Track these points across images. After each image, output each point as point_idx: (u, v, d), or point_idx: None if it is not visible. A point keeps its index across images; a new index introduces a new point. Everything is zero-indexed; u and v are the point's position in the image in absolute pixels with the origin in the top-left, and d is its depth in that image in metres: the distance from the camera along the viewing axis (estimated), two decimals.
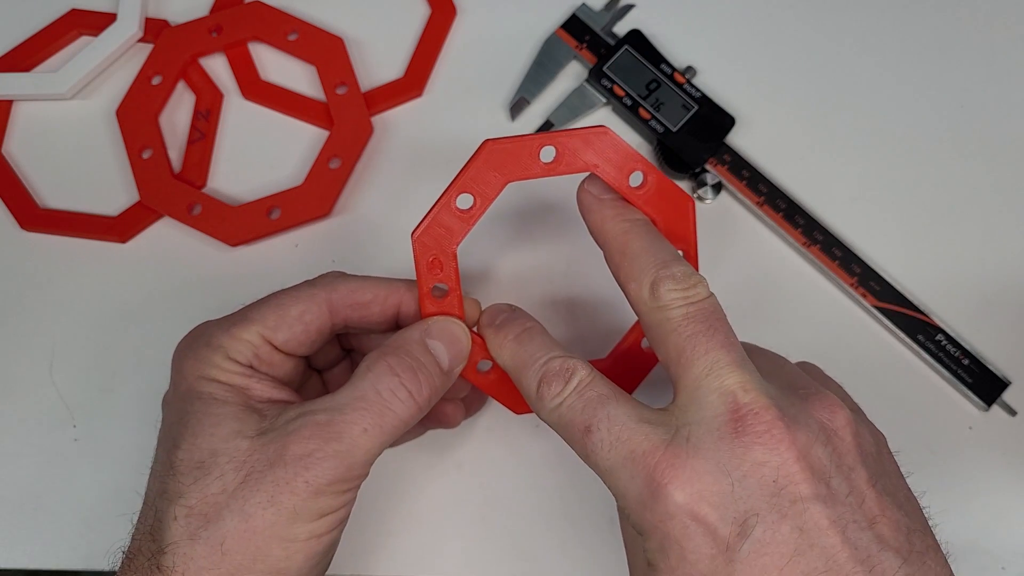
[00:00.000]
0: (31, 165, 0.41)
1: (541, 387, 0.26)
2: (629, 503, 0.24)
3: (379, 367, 0.27)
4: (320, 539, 0.26)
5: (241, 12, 0.42)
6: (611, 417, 0.24)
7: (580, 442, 0.25)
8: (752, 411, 0.23)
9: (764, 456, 0.23)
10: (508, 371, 0.28)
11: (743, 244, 0.39)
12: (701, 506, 0.22)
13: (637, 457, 0.23)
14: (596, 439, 0.24)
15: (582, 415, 0.25)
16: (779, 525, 0.22)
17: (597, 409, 0.25)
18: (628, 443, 0.24)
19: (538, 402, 0.26)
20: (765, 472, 0.22)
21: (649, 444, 0.23)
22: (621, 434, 0.24)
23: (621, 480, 0.24)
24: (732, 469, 0.23)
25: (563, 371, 0.26)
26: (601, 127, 0.29)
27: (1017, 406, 0.37)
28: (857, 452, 0.24)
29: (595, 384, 0.26)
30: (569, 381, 0.26)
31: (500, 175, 0.29)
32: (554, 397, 0.26)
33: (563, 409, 0.26)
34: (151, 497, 0.27)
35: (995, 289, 0.38)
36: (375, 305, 0.30)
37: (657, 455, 0.23)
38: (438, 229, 0.29)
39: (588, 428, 0.25)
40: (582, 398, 0.25)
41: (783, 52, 0.42)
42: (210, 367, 0.28)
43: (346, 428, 0.26)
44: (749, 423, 0.23)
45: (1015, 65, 0.42)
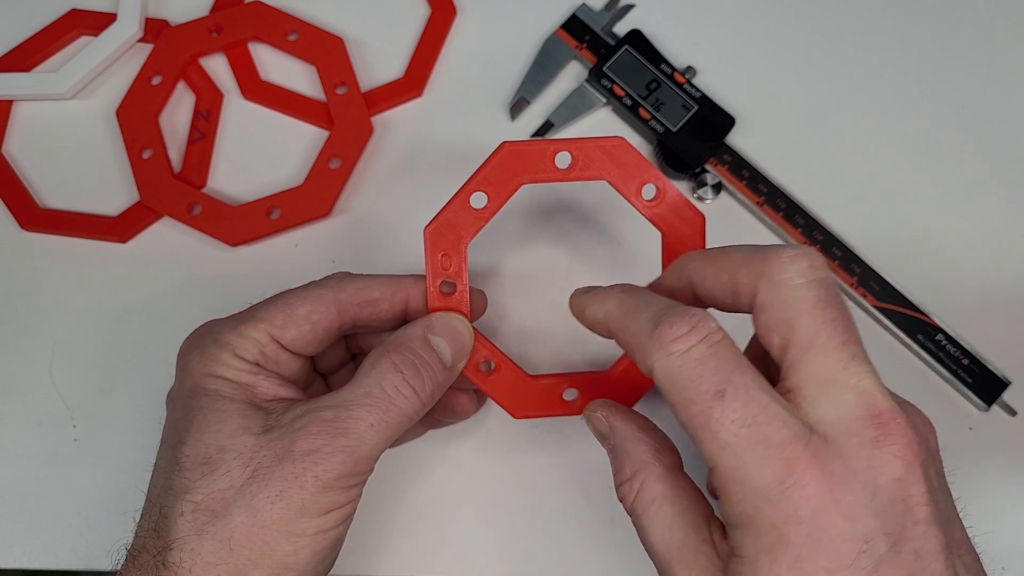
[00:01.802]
0: (31, 165, 0.41)
1: (661, 327, 0.22)
2: (745, 490, 0.21)
3: (383, 364, 0.27)
4: (327, 534, 0.26)
5: (241, 12, 0.42)
6: (749, 389, 0.21)
7: (704, 404, 0.21)
8: (893, 420, 0.21)
9: (900, 471, 0.21)
10: (611, 320, 0.25)
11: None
12: (833, 517, 0.20)
13: (773, 445, 0.21)
14: (729, 409, 0.21)
15: (715, 374, 0.22)
16: (901, 546, 0.21)
17: (734, 373, 0.22)
18: (765, 426, 0.21)
19: (652, 343, 0.23)
20: (899, 489, 0.21)
21: (788, 434, 0.21)
22: (759, 415, 0.21)
23: (743, 463, 0.21)
24: (870, 480, 0.21)
25: (689, 314, 0.22)
26: (618, 137, 0.30)
27: (1017, 406, 0.37)
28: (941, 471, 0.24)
29: (729, 342, 0.22)
30: (697, 327, 0.22)
31: (515, 177, 0.29)
32: (678, 339, 0.22)
33: (689, 359, 0.22)
34: (155, 494, 0.27)
35: (995, 289, 0.38)
36: (383, 302, 0.30)
37: (796, 449, 0.21)
38: (450, 225, 0.29)
39: (722, 392, 0.21)
40: (715, 354, 0.22)
41: (783, 52, 0.42)
42: (217, 364, 0.28)
43: (353, 424, 0.26)
44: (891, 433, 0.21)
45: (1015, 65, 0.42)
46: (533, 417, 0.31)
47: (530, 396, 0.31)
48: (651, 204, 0.30)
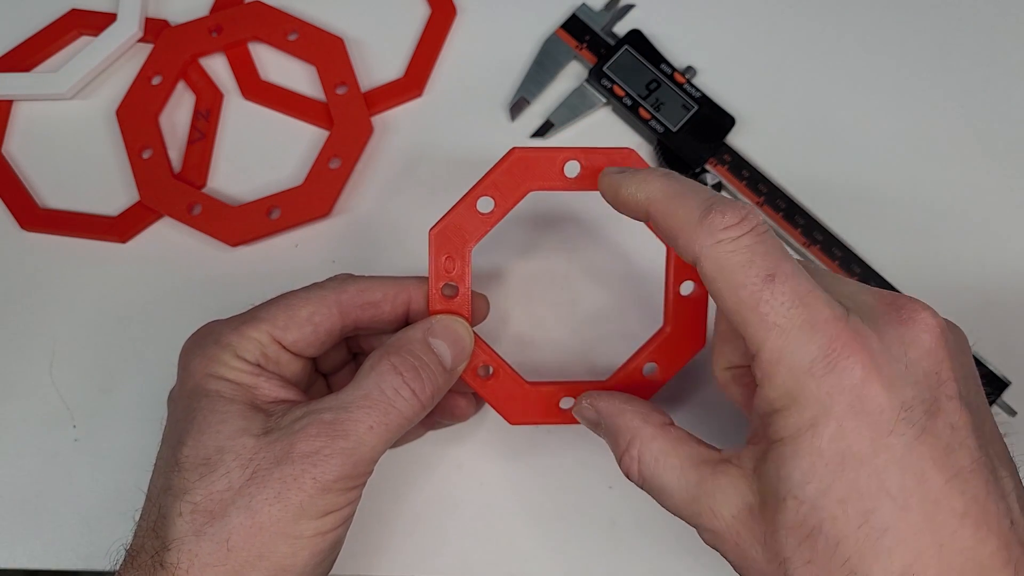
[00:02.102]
0: (31, 165, 0.41)
1: (711, 214, 0.23)
2: (789, 369, 0.22)
3: (382, 366, 0.27)
4: (325, 536, 0.26)
5: (241, 12, 0.42)
6: (796, 274, 0.23)
7: (755, 287, 0.22)
8: (914, 304, 0.23)
9: (929, 344, 0.22)
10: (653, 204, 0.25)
11: None
12: (874, 386, 0.22)
13: (819, 323, 0.22)
14: (780, 290, 0.22)
15: (765, 259, 0.23)
16: (938, 417, 0.22)
17: (782, 261, 0.23)
18: (813, 306, 0.22)
19: (703, 229, 0.23)
20: (931, 362, 0.22)
21: (831, 314, 0.22)
22: (807, 295, 0.22)
23: (791, 342, 0.22)
24: (903, 354, 0.22)
25: (739, 207, 0.23)
26: (627, 148, 0.30)
27: (1017, 406, 0.37)
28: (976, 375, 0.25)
29: (772, 233, 0.24)
30: (747, 218, 0.23)
31: (523, 183, 0.29)
32: (729, 227, 0.23)
33: (739, 245, 0.23)
34: (154, 494, 0.27)
35: (995, 289, 0.38)
36: (385, 304, 0.30)
37: (839, 326, 0.22)
38: (456, 228, 0.29)
39: (772, 276, 0.22)
40: (763, 242, 0.23)
41: (783, 52, 0.42)
42: (218, 365, 0.28)
43: (352, 426, 0.26)
44: (915, 313, 0.23)
45: (1015, 65, 0.42)
46: (529, 424, 0.31)
47: (527, 403, 0.31)
48: None
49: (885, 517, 0.21)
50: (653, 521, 0.35)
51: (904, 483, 0.21)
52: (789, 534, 0.22)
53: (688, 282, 0.30)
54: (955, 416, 0.22)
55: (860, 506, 0.21)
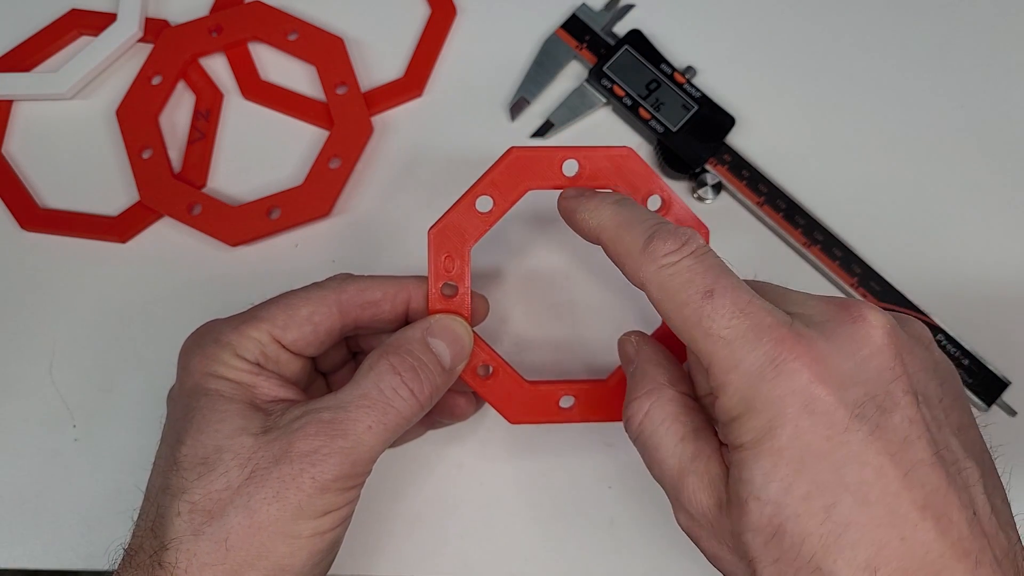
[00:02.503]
0: (31, 165, 0.41)
1: (653, 242, 0.25)
2: (740, 376, 0.23)
3: (381, 366, 0.27)
4: (324, 536, 0.26)
5: (241, 12, 0.42)
6: (735, 287, 0.24)
7: (696, 304, 0.24)
8: (861, 304, 0.24)
9: (881, 341, 0.23)
10: (603, 232, 0.27)
11: (743, 244, 0.39)
12: (823, 386, 0.22)
13: (763, 329, 0.23)
14: (719, 304, 0.23)
15: (704, 277, 0.24)
16: (893, 412, 0.22)
17: (720, 276, 0.24)
18: (754, 315, 0.23)
19: (645, 257, 0.25)
20: (884, 359, 0.23)
21: (774, 320, 0.23)
22: (747, 306, 0.23)
23: (737, 351, 0.23)
24: (855, 351, 0.23)
25: (679, 232, 0.25)
26: (626, 148, 0.30)
27: (1017, 406, 0.37)
28: (941, 366, 0.25)
29: (713, 253, 0.25)
30: (687, 243, 0.25)
31: (522, 182, 0.30)
32: (668, 253, 0.25)
33: (679, 268, 0.24)
34: (153, 493, 0.27)
35: (995, 289, 0.38)
36: (385, 303, 0.30)
37: (783, 331, 0.23)
38: (455, 227, 0.30)
39: (711, 291, 0.24)
40: (702, 262, 0.24)
41: (783, 52, 0.42)
42: (218, 364, 0.28)
43: (351, 425, 0.26)
44: (861, 312, 0.23)
45: (1015, 65, 0.42)
46: (529, 423, 0.31)
47: (527, 402, 0.31)
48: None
49: (846, 512, 0.21)
50: (652, 521, 0.35)
51: (863, 478, 0.21)
52: (755, 535, 0.22)
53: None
54: (910, 410, 0.22)
55: (821, 502, 0.22)
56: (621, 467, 0.36)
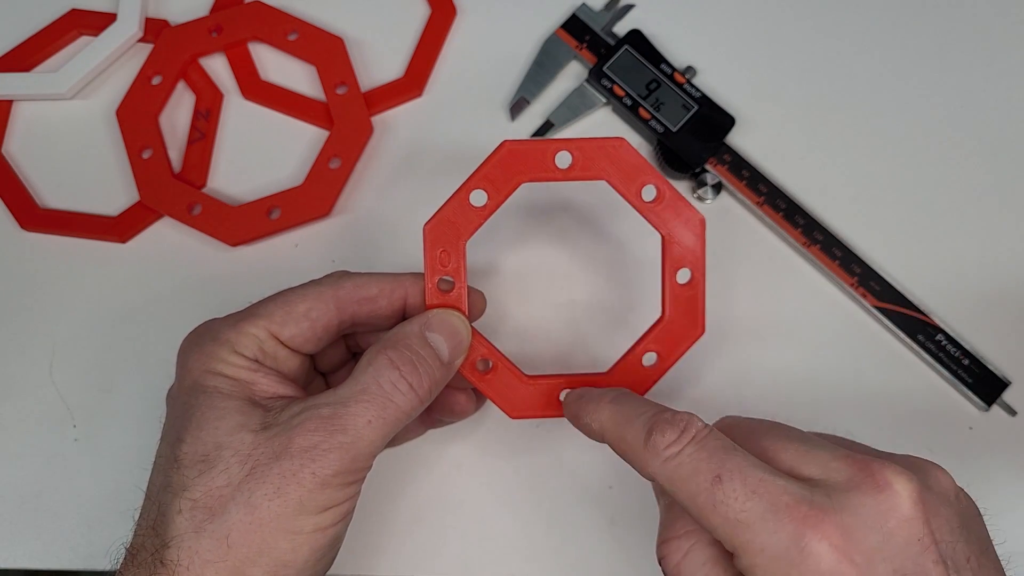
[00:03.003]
0: (31, 165, 0.41)
1: (653, 436, 0.25)
2: (766, 559, 0.22)
3: (379, 361, 0.27)
4: (325, 532, 0.26)
5: (241, 12, 0.42)
6: (743, 467, 0.23)
7: (707, 492, 0.23)
8: (885, 467, 0.23)
9: (909, 513, 0.22)
10: (606, 433, 0.27)
11: (743, 244, 0.39)
12: (851, 566, 0.21)
13: (780, 509, 0.22)
14: (729, 488, 0.23)
15: (709, 463, 0.23)
16: None
17: (725, 459, 0.23)
18: (769, 494, 0.22)
19: (649, 453, 0.25)
20: (912, 530, 0.22)
21: (791, 498, 0.22)
22: (760, 485, 0.22)
23: (759, 534, 0.22)
24: (882, 524, 0.22)
25: (676, 420, 0.25)
26: (619, 138, 0.30)
27: (1017, 406, 0.37)
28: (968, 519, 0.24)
29: (715, 434, 0.24)
30: (686, 430, 0.24)
31: (515, 175, 0.30)
32: (669, 445, 0.24)
33: (682, 458, 0.24)
34: (154, 492, 0.27)
35: (995, 289, 0.38)
36: (382, 299, 0.30)
37: (803, 509, 0.22)
38: (449, 222, 0.30)
39: (719, 477, 0.23)
40: (705, 448, 0.24)
41: (783, 52, 0.42)
42: (216, 361, 0.28)
43: (351, 420, 0.26)
44: (886, 478, 0.23)
45: (1015, 65, 0.42)
46: (530, 417, 0.31)
47: (527, 396, 0.31)
48: (651, 206, 0.30)
49: None
50: (652, 521, 0.35)
51: None
52: None
53: (684, 269, 0.30)
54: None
55: None
56: (621, 467, 0.36)
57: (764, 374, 0.37)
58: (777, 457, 0.24)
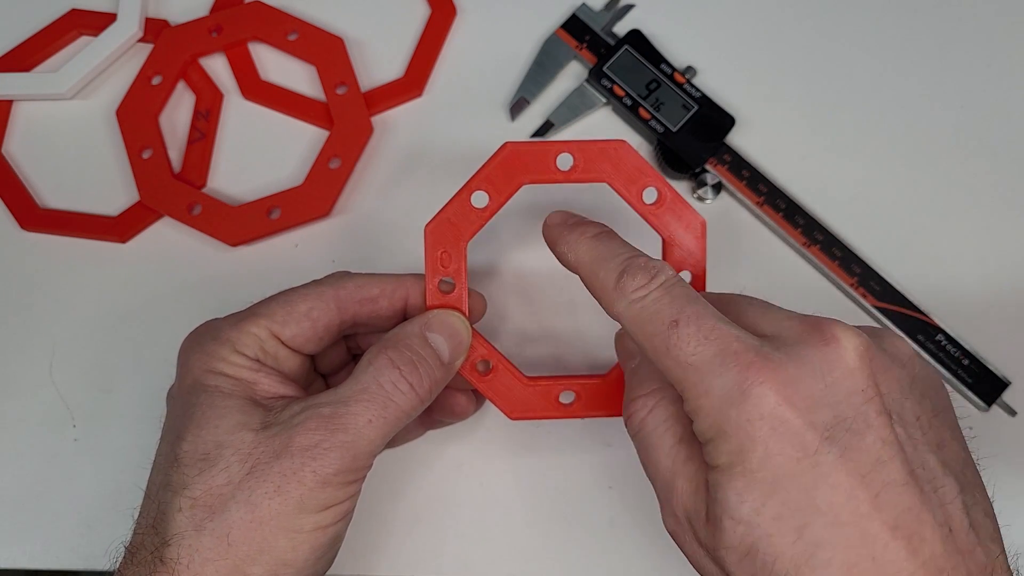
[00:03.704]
0: (31, 165, 0.41)
1: (624, 278, 0.25)
2: (711, 401, 0.23)
3: (380, 361, 0.27)
4: (325, 531, 0.26)
5: (241, 12, 0.42)
6: (700, 314, 0.24)
7: (663, 335, 0.24)
8: (835, 324, 0.24)
9: (853, 364, 0.23)
10: (580, 267, 0.28)
11: (743, 244, 0.39)
12: (791, 409, 0.22)
13: (729, 355, 0.23)
14: (684, 332, 0.24)
15: (670, 308, 0.24)
16: (865, 433, 0.22)
17: (685, 305, 0.24)
18: (720, 340, 0.23)
19: (617, 293, 0.26)
20: (856, 380, 0.23)
21: (741, 345, 0.23)
22: (712, 332, 0.23)
23: (706, 376, 0.23)
24: (825, 373, 0.23)
25: (649, 267, 0.26)
26: (620, 140, 0.30)
27: (1017, 406, 0.37)
28: (921, 382, 0.25)
29: (682, 283, 0.25)
30: (655, 276, 0.25)
31: (516, 177, 0.30)
32: (637, 288, 0.25)
33: (647, 301, 0.25)
34: (154, 490, 0.27)
35: (995, 289, 0.38)
36: (383, 299, 0.30)
37: (750, 355, 0.23)
38: (451, 223, 0.30)
39: (676, 321, 0.24)
40: (669, 293, 0.25)
41: (783, 52, 0.42)
42: (217, 360, 0.28)
43: (351, 419, 0.26)
44: (834, 333, 0.23)
45: (1015, 65, 0.42)
46: (530, 419, 0.31)
47: (527, 398, 0.31)
48: (652, 208, 0.30)
49: (817, 533, 0.22)
50: (652, 521, 0.35)
51: (833, 499, 0.22)
52: (729, 552, 0.23)
53: (685, 272, 0.30)
54: (883, 431, 0.22)
55: (792, 523, 0.22)
56: (621, 467, 0.36)
57: None
58: (738, 317, 0.25)
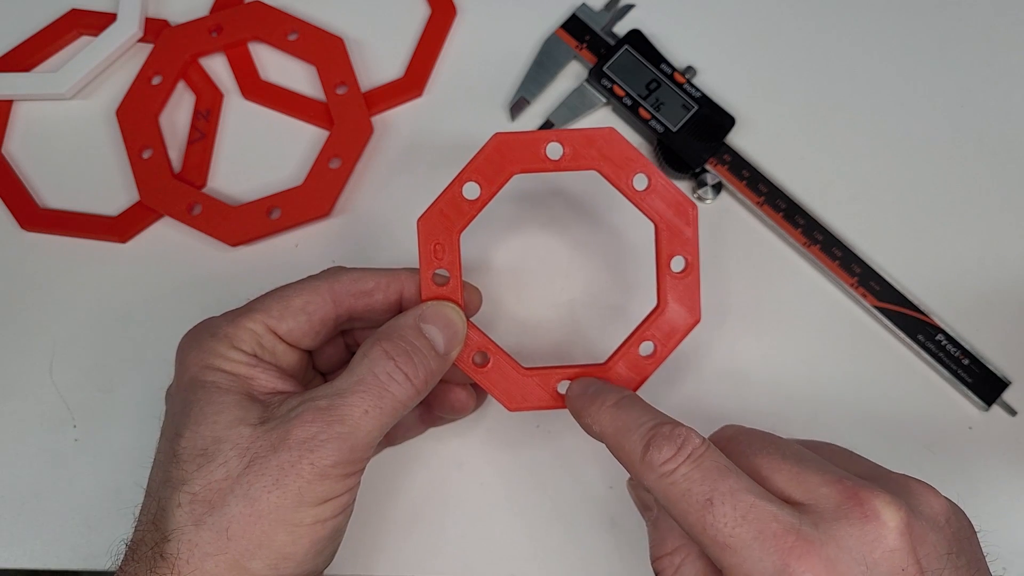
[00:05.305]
0: (31, 165, 0.41)
1: (650, 451, 0.25)
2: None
3: (374, 352, 0.28)
4: (324, 524, 0.26)
5: (241, 12, 0.42)
6: (735, 491, 0.23)
7: (697, 514, 0.23)
8: (874, 496, 0.23)
9: (894, 544, 0.22)
10: (606, 439, 0.27)
11: (743, 244, 0.39)
12: None
13: (768, 537, 0.22)
14: (720, 512, 0.23)
15: (701, 485, 0.24)
16: None
17: (718, 480, 0.24)
18: (758, 521, 0.23)
19: (644, 467, 0.25)
20: (896, 560, 0.22)
21: (780, 526, 0.22)
22: (750, 511, 0.23)
23: (745, 560, 0.22)
24: (865, 555, 0.22)
25: (674, 436, 0.25)
26: (608, 128, 0.30)
27: (1017, 406, 0.37)
28: (956, 538, 0.24)
29: (712, 453, 0.24)
30: (683, 447, 0.24)
31: (507, 167, 0.30)
32: (666, 462, 0.24)
33: (677, 477, 0.24)
34: (154, 487, 0.27)
35: (995, 289, 0.38)
36: (378, 292, 0.30)
37: (790, 539, 0.22)
38: (443, 215, 0.30)
39: (710, 500, 0.23)
40: (700, 467, 0.24)
41: (783, 52, 0.42)
42: (214, 356, 0.28)
43: (347, 411, 0.26)
44: (875, 508, 0.23)
45: (1015, 65, 0.42)
46: (528, 410, 0.31)
47: (525, 389, 0.31)
48: (643, 194, 0.30)
49: None
50: None
51: None
52: None
53: (679, 258, 0.31)
54: None
55: None
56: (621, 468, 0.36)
57: (764, 374, 0.37)
58: (771, 477, 0.25)
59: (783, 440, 0.27)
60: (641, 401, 0.28)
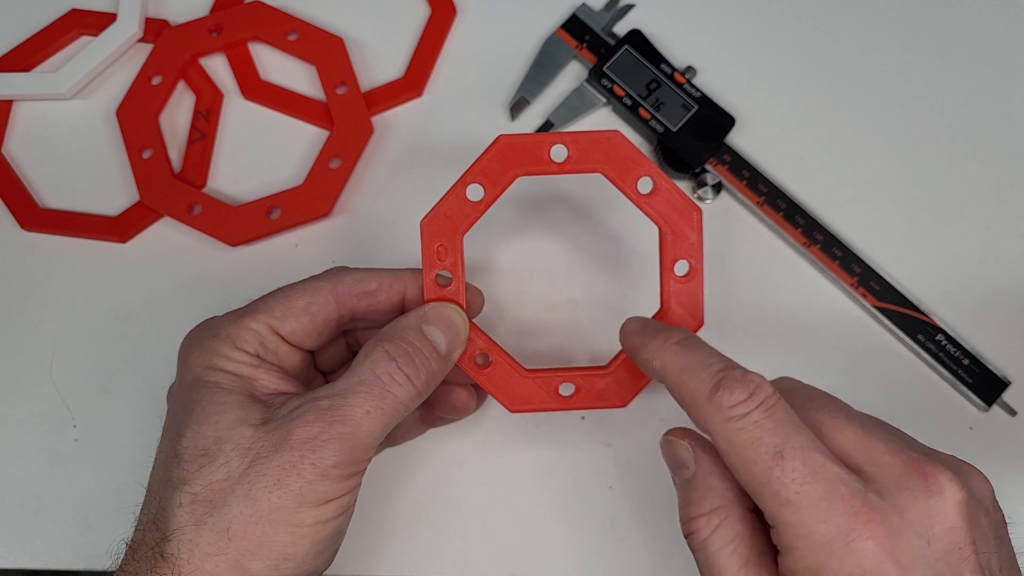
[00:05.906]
0: (31, 165, 0.41)
1: (720, 392, 0.24)
2: (809, 544, 0.22)
3: (376, 353, 0.28)
4: (325, 525, 0.26)
5: (241, 12, 0.42)
6: (806, 448, 0.23)
7: (764, 464, 0.23)
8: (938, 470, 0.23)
9: (955, 520, 0.22)
10: (667, 376, 0.26)
11: (743, 244, 0.39)
12: (895, 567, 0.22)
13: (835, 500, 0.22)
14: (789, 467, 0.22)
15: (774, 436, 0.23)
16: None
17: (791, 435, 0.23)
18: (827, 482, 0.22)
19: (711, 407, 0.24)
20: (955, 537, 0.22)
21: (847, 490, 0.22)
22: (819, 471, 0.22)
23: (807, 519, 0.22)
24: (928, 528, 0.22)
25: (746, 380, 0.24)
26: (614, 131, 0.30)
27: (1017, 406, 0.37)
28: (1002, 522, 0.24)
29: (783, 405, 0.24)
30: (755, 393, 0.24)
31: (511, 169, 0.30)
32: (736, 405, 0.23)
33: (747, 423, 0.23)
34: (154, 487, 0.27)
35: (995, 289, 0.38)
36: (380, 293, 0.30)
37: (855, 504, 0.22)
38: (446, 217, 0.30)
39: (780, 453, 0.22)
40: (772, 418, 0.23)
41: (783, 52, 0.42)
42: (217, 357, 0.28)
43: (349, 411, 0.26)
44: (940, 482, 0.23)
45: (1015, 65, 0.42)
46: (529, 411, 0.31)
47: (526, 390, 0.31)
48: (647, 198, 0.30)
49: None
50: (653, 521, 0.35)
51: None
52: None
53: (682, 262, 0.31)
54: None
55: None
56: (621, 467, 0.36)
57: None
58: (832, 436, 0.24)
59: (842, 402, 0.26)
60: (706, 343, 0.27)
